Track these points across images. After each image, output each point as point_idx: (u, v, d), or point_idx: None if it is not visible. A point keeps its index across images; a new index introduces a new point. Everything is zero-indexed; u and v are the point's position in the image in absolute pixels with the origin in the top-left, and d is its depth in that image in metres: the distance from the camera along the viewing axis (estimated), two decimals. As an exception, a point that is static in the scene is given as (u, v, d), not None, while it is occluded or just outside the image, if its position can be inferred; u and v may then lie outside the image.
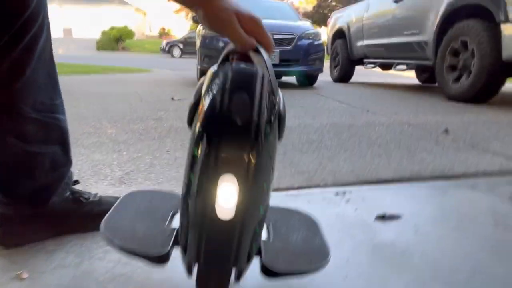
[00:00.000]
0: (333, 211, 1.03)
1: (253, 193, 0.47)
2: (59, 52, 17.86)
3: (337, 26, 6.39)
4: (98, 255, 0.79)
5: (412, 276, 0.74)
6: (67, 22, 35.71)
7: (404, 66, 4.78)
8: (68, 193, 0.86)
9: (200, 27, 5.11)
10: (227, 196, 0.45)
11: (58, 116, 0.79)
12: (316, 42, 4.83)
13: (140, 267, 0.75)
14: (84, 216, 0.87)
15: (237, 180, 0.45)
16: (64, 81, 0.65)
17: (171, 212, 0.71)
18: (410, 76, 7.51)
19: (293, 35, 4.68)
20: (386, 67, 5.61)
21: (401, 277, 0.73)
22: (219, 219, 0.46)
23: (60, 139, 0.81)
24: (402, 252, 0.82)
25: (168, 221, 0.69)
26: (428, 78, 6.06)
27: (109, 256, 0.79)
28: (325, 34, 7.19)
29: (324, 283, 0.71)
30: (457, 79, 3.57)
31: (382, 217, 1.00)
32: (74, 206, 0.86)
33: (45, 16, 0.73)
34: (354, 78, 6.22)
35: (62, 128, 0.81)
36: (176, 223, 0.66)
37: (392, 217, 1.00)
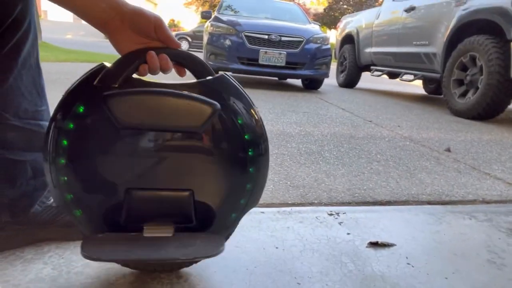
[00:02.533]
0: (325, 234, 1.00)
1: None
2: (67, 37, 17.87)
3: (346, 31, 6.34)
4: (77, 268, 0.77)
5: (399, 315, 0.71)
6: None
7: (411, 76, 4.74)
8: (51, 201, 0.83)
9: (208, 23, 5.08)
10: None
11: (42, 123, 0.76)
12: (324, 47, 4.79)
13: (119, 285, 0.72)
14: (67, 225, 0.84)
15: None
16: (73, 69, 0.62)
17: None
18: (416, 85, 7.46)
19: (301, 38, 4.64)
20: (393, 75, 5.56)
21: (388, 316, 0.71)
22: None
23: None
24: (391, 286, 0.79)
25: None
26: (435, 89, 6.01)
27: (88, 270, 0.76)
28: (334, 37, 7.13)
29: (307, 317, 0.68)
30: (464, 94, 3.53)
31: (375, 244, 0.97)
32: (57, 215, 0.83)
33: (31, 22, 0.70)
34: (360, 84, 6.18)
35: None
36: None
37: (385, 245, 0.97)
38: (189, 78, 0.68)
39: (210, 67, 0.69)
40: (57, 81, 3.41)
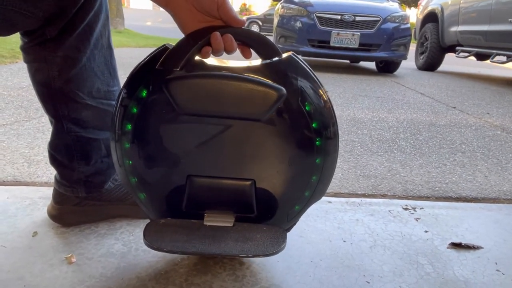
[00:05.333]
0: (399, 230, 0.92)
1: None
2: (147, 24, 18.97)
3: (429, 8, 5.81)
4: (145, 246, 0.78)
5: (487, 330, 0.62)
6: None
7: (504, 58, 4.20)
8: (122, 180, 0.86)
9: (279, 5, 4.99)
10: None
11: (113, 103, 0.78)
12: (402, 26, 4.44)
13: (183, 266, 0.73)
14: (137, 203, 0.87)
15: None
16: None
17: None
18: (509, 68, 6.64)
19: (378, 17, 4.34)
20: (482, 57, 4.99)
21: (472, 329, 0.62)
22: None
23: None
24: (477, 296, 0.70)
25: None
26: (533, 73, 5.29)
27: (155, 249, 0.78)
28: (414, 16, 6.60)
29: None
30: None
31: (458, 245, 0.86)
32: (128, 193, 0.86)
33: (103, 3, 0.71)
34: (442, 67, 5.66)
35: None
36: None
37: (470, 247, 0.86)
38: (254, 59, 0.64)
39: (277, 47, 0.64)
40: (136, 65, 3.61)
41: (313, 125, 0.61)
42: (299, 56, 0.64)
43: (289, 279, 0.72)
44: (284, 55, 0.63)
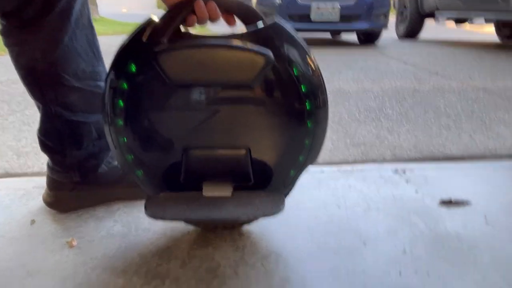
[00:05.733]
0: (391, 192, 0.94)
1: None
2: (123, 11, 18.41)
3: (407, -24, 5.78)
4: (144, 225, 0.80)
5: (478, 277, 0.65)
6: (129, -21, 36.41)
7: (482, 20, 4.24)
8: (116, 161, 0.86)
9: (257, -19, 4.89)
10: None
11: (100, 83, 0.77)
12: (382, -4, 4.42)
13: (184, 241, 0.74)
14: (134, 184, 0.87)
15: None
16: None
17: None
18: (487, 33, 6.71)
19: (357, -12, 4.31)
20: (460, 21, 5.02)
21: (465, 277, 0.65)
22: None
23: None
24: (468, 247, 0.73)
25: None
26: (510, 35, 5.36)
27: (154, 227, 0.79)
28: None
29: (376, 277, 0.65)
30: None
31: (448, 203, 0.89)
32: (123, 174, 0.86)
33: None
34: (422, 35, 5.68)
35: None
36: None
37: (459, 203, 0.89)
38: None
39: (259, 12, 0.64)
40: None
41: (302, 88, 0.61)
42: (284, 22, 0.64)
43: (288, 245, 0.74)
44: (269, 22, 0.63)
